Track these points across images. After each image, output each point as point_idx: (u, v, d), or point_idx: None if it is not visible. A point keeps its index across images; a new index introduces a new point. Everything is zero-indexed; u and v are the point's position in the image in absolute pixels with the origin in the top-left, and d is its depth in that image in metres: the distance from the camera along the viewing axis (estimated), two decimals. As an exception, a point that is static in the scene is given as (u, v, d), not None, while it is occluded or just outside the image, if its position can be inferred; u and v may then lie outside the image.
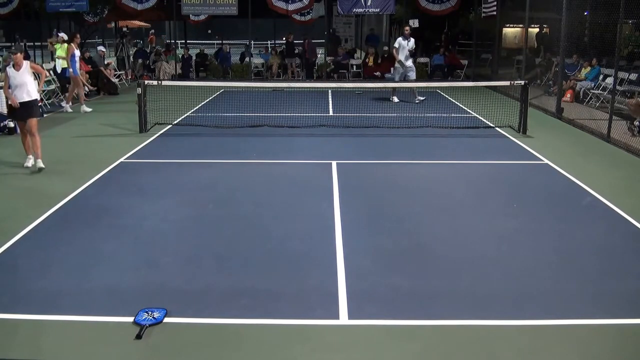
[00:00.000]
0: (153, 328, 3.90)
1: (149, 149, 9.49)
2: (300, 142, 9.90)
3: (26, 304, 4.23)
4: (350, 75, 20.11)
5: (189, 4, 19.05)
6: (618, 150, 9.45)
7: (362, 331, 3.93)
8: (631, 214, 6.17)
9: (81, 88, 13.75)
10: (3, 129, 10.47)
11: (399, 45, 14.04)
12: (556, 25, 13.50)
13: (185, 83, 15.23)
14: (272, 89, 15.83)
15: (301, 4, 19.34)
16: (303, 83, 17.88)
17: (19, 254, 5.15)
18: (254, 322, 4.04)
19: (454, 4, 19.25)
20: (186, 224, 5.95)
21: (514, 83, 11.65)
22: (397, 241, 5.52)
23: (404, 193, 7.02)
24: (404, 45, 13.98)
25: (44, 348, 3.68)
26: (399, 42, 14.07)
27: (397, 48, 14.07)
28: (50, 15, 21.02)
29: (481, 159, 8.79)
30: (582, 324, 4.01)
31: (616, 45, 10.29)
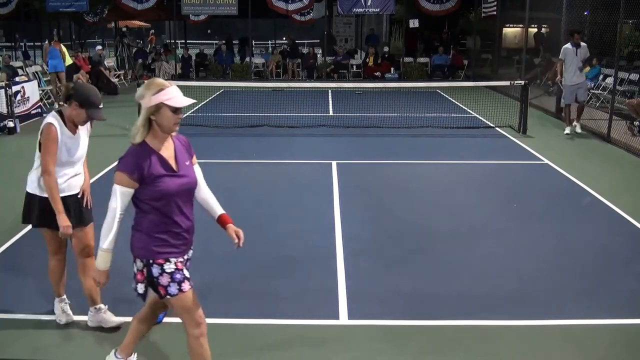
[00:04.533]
0: (153, 328, 3.90)
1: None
2: (300, 142, 9.90)
3: (26, 304, 4.23)
4: (350, 75, 20.11)
5: (189, 4, 19.07)
6: (618, 150, 9.45)
7: (362, 331, 3.93)
8: (631, 214, 6.18)
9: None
10: (3, 129, 10.47)
11: (565, 56, 10.48)
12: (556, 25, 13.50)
13: (185, 83, 15.21)
14: (272, 89, 15.84)
15: (301, 4, 19.35)
16: (303, 83, 17.87)
17: (19, 254, 5.15)
18: (254, 322, 4.04)
19: (454, 4, 19.27)
20: (186, 224, 5.94)
21: (514, 83, 11.65)
22: (397, 241, 5.52)
23: (404, 193, 7.02)
24: (572, 55, 10.39)
25: (44, 348, 3.68)
26: (565, 51, 10.47)
27: (564, 60, 10.53)
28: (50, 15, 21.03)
29: (481, 159, 8.79)
30: (582, 324, 4.02)
31: (616, 45, 10.29)
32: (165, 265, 2.87)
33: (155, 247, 2.85)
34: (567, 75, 10.52)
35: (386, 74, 19.57)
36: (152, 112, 2.80)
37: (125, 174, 2.77)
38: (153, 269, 2.86)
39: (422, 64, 20.57)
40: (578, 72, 10.50)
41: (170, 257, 2.90)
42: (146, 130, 2.82)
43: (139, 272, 2.91)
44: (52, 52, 13.59)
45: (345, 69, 20.19)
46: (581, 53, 10.38)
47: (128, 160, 2.79)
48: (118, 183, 2.78)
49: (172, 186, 2.84)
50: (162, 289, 2.88)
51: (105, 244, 2.83)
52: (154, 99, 2.78)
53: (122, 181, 2.78)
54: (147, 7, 19.55)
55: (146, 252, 2.86)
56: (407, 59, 20.13)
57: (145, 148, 2.83)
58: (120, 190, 2.78)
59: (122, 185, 2.78)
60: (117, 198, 2.78)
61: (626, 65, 15.02)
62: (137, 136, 2.82)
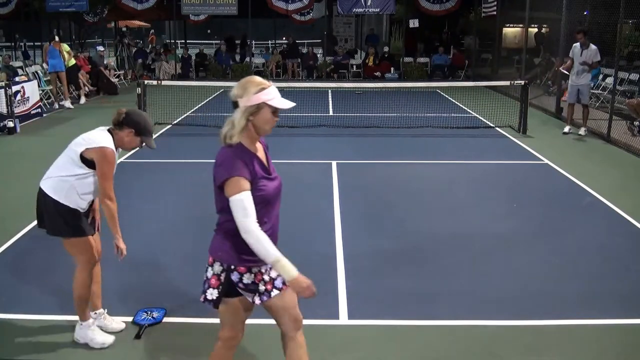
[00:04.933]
0: (153, 328, 3.90)
1: (148, 148, 9.47)
2: (300, 142, 9.89)
3: (26, 304, 4.23)
4: (350, 75, 20.12)
5: (188, 4, 19.07)
6: (618, 150, 9.45)
7: (362, 331, 3.93)
8: (631, 214, 6.17)
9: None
10: (3, 128, 10.47)
11: (573, 54, 10.79)
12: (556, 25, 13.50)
13: (185, 83, 15.24)
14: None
15: (301, 4, 19.36)
16: (303, 83, 17.87)
17: (19, 254, 5.15)
18: (254, 322, 4.02)
19: (454, 4, 19.27)
20: (186, 224, 5.94)
21: (514, 83, 11.65)
22: (397, 241, 5.52)
23: (404, 193, 7.02)
24: (577, 55, 10.63)
25: (44, 348, 3.68)
26: (573, 50, 10.79)
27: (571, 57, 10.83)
28: (50, 15, 21.03)
29: (481, 159, 8.78)
30: (582, 324, 4.01)
31: (616, 45, 10.29)
32: (245, 275, 2.74)
33: (242, 254, 2.68)
34: (571, 74, 10.56)
35: (386, 74, 19.57)
36: (252, 112, 2.64)
37: (242, 178, 2.57)
38: (232, 276, 2.73)
39: (422, 64, 20.57)
40: (581, 72, 10.49)
41: (253, 266, 2.74)
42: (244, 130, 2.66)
43: (213, 277, 2.78)
44: (51, 52, 13.63)
45: (345, 69, 20.19)
46: (586, 54, 10.34)
47: (236, 163, 2.59)
48: (240, 190, 2.56)
49: (270, 189, 2.71)
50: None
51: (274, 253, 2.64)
52: (255, 98, 2.64)
53: (243, 186, 2.57)
54: (147, 7, 19.55)
55: (230, 257, 2.71)
56: (407, 59, 20.13)
57: (243, 149, 2.66)
58: (246, 196, 2.56)
59: (245, 190, 2.57)
60: (246, 206, 2.56)
61: (626, 65, 15.02)
62: (236, 136, 2.64)
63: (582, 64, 10.47)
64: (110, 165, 3.42)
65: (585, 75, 10.47)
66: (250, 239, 2.59)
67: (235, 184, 2.57)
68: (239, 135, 2.65)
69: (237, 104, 2.68)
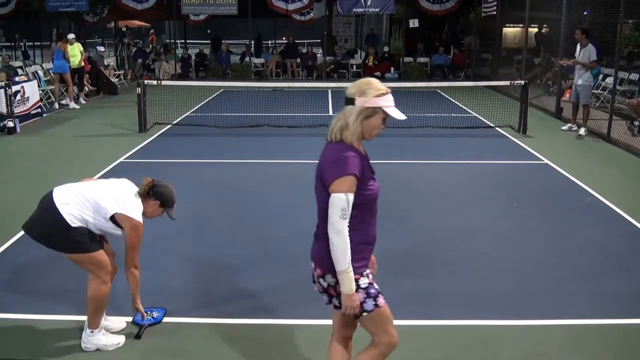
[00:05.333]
0: (153, 328, 3.90)
1: (148, 148, 9.49)
2: (300, 142, 9.89)
3: (26, 304, 4.23)
4: (350, 75, 20.11)
5: (188, 4, 19.07)
6: (618, 150, 9.45)
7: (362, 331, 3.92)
8: (631, 214, 6.17)
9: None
10: (3, 128, 10.47)
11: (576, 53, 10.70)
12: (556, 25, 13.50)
13: (185, 83, 15.24)
14: (272, 89, 15.84)
15: (301, 4, 19.35)
16: (303, 83, 17.88)
17: (19, 254, 5.15)
18: (254, 322, 4.04)
19: (454, 4, 19.27)
20: (186, 224, 5.94)
21: (514, 83, 11.65)
22: (396, 241, 5.51)
23: (403, 193, 7.01)
24: (577, 54, 10.57)
25: (44, 348, 3.68)
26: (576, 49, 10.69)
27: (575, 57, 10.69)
28: (50, 15, 21.03)
29: (481, 158, 8.78)
30: (582, 324, 4.01)
31: (616, 45, 10.29)
32: (361, 280, 2.67)
33: (353, 261, 2.62)
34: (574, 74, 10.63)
35: (386, 73, 19.57)
36: (368, 114, 2.60)
37: (354, 178, 2.53)
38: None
39: (422, 64, 20.57)
40: (579, 72, 10.49)
41: (364, 271, 2.71)
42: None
43: (330, 288, 2.70)
44: (56, 53, 13.71)
45: (345, 68, 20.19)
46: (582, 54, 10.36)
47: (352, 162, 2.55)
48: (348, 190, 2.52)
49: (376, 190, 2.68)
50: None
51: (346, 263, 2.56)
52: (373, 101, 2.58)
53: (352, 187, 2.53)
54: (147, 7, 19.54)
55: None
56: (407, 59, 20.13)
57: (355, 149, 2.62)
58: (350, 197, 2.52)
59: (352, 192, 2.53)
60: (347, 208, 2.52)
61: (626, 65, 15.02)
62: (350, 137, 2.60)
63: (573, 63, 10.51)
64: (140, 238, 3.53)
65: (583, 74, 10.45)
66: (336, 240, 2.54)
67: (345, 182, 2.53)
68: (353, 136, 2.62)
69: (351, 102, 2.61)
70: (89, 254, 3.48)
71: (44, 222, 3.48)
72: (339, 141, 2.63)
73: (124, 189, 3.63)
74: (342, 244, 2.54)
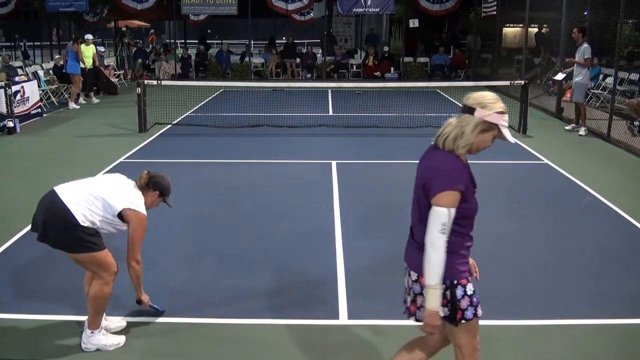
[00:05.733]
0: (153, 328, 3.90)
1: (148, 148, 9.49)
2: (300, 142, 9.89)
3: (26, 304, 4.23)
4: (350, 75, 20.12)
5: (188, 4, 19.06)
6: (618, 150, 9.45)
7: (362, 331, 3.93)
8: (631, 214, 6.17)
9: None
10: (2, 128, 10.47)
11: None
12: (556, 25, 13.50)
13: (185, 83, 15.24)
14: (272, 89, 15.83)
15: (301, 4, 19.35)
16: (303, 83, 17.87)
17: (19, 254, 5.15)
18: (254, 321, 4.03)
19: (454, 4, 19.26)
20: (186, 224, 5.94)
21: (514, 83, 11.65)
22: (397, 241, 5.49)
23: (404, 193, 6.97)
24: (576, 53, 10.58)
25: (44, 348, 3.68)
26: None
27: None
28: (50, 15, 21.03)
29: (481, 158, 8.69)
30: (582, 324, 4.01)
31: (616, 45, 10.29)
32: (468, 286, 2.64)
33: (459, 266, 2.61)
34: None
35: (386, 73, 19.57)
36: (484, 128, 2.55)
37: (460, 193, 2.52)
38: (458, 291, 2.61)
39: (422, 64, 20.57)
40: (577, 71, 10.51)
41: (469, 276, 2.68)
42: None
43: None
44: (70, 54, 13.92)
45: (345, 68, 20.19)
46: (578, 52, 10.40)
47: (461, 175, 2.55)
48: (452, 205, 2.50)
49: (476, 203, 2.68)
50: (460, 313, 2.61)
51: (437, 279, 2.51)
52: (494, 117, 2.53)
53: (456, 202, 2.51)
54: (147, 7, 19.53)
55: (451, 272, 2.58)
56: (407, 59, 20.13)
57: (462, 161, 2.62)
58: (453, 212, 2.50)
59: (455, 207, 2.51)
60: (447, 223, 2.48)
61: (626, 65, 15.02)
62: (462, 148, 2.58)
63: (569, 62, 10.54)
64: (145, 231, 3.61)
65: (580, 72, 10.48)
66: (432, 254, 2.51)
67: (450, 197, 2.51)
68: (465, 146, 2.59)
69: (470, 111, 2.58)
70: (96, 254, 3.49)
71: (56, 224, 3.45)
72: (449, 150, 2.60)
73: (125, 184, 3.70)
74: (437, 259, 2.51)
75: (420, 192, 2.66)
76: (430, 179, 2.59)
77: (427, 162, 2.68)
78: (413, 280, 2.72)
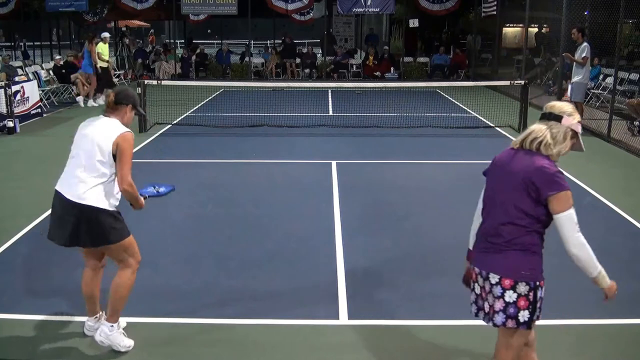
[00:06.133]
0: (153, 328, 3.90)
1: (148, 148, 9.49)
2: (300, 142, 9.89)
3: (26, 304, 4.23)
4: (350, 75, 20.11)
5: (188, 4, 19.05)
6: (618, 150, 9.44)
7: (362, 331, 3.93)
8: (631, 214, 6.17)
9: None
10: (2, 128, 10.47)
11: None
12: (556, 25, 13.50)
13: (185, 83, 15.23)
14: (272, 89, 15.83)
15: (301, 4, 19.34)
16: (303, 83, 17.87)
17: (19, 254, 5.15)
18: (254, 322, 4.03)
19: (454, 4, 19.25)
20: (186, 224, 5.94)
21: (514, 83, 11.65)
22: (396, 241, 5.52)
23: (404, 193, 7.02)
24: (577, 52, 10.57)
25: (43, 348, 3.67)
26: None
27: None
28: (50, 15, 21.03)
29: (481, 158, 8.74)
30: (582, 323, 4.02)
31: (616, 45, 10.29)
32: (540, 291, 2.71)
33: (540, 266, 2.72)
34: None
35: (386, 73, 19.56)
36: (572, 135, 2.73)
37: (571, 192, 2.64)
38: (539, 292, 2.68)
39: (422, 64, 20.56)
40: (576, 70, 10.51)
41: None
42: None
43: (521, 298, 2.66)
44: (85, 53, 14.06)
45: (345, 68, 20.18)
46: (578, 52, 10.42)
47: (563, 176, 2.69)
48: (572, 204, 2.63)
49: None
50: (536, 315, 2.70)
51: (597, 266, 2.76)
52: (578, 126, 2.72)
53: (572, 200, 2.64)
54: (147, 7, 19.53)
55: (537, 274, 2.68)
56: (407, 59, 20.13)
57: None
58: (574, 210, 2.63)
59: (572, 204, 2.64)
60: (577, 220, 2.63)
61: (626, 65, 15.02)
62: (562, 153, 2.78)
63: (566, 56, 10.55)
64: (132, 148, 3.48)
65: (579, 72, 10.49)
66: (583, 253, 2.66)
67: (569, 197, 2.61)
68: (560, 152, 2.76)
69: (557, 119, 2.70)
70: (126, 239, 3.50)
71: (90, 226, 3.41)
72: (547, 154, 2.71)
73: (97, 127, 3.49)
74: (588, 253, 2.66)
75: (516, 194, 2.68)
76: (542, 182, 2.64)
77: (525, 164, 2.70)
78: (493, 283, 2.71)
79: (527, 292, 2.64)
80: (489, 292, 2.74)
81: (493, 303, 2.72)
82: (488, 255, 2.76)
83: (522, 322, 2.66)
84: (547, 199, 2.60)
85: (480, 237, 2.84)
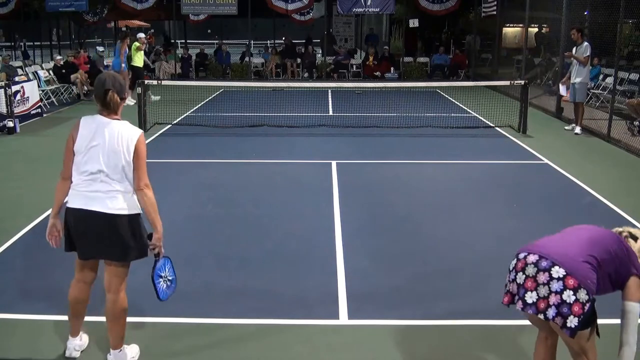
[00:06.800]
0: (152, 328, 3.90)
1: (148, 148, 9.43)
2: (300, 142, 9.89)
3: (26, 304, 4.23)
4: (350, 75, 20.11)
5: (188, 4, 19.05)
6: (618, 150, 9.45)
7: (362, 331, 3.93)
8: (631, 214, 6.17)
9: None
10: (2, 128, 10.47)
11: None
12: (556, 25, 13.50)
13: (185, 83, 15.24)
14: (272, 89, 15.83)
15: (301, 4, 19.34)
16: (303, 83, 17.87)
17: (19, 254, 5.15)
18: (254, 322, 4.03)
19: (454, 4, 19.25)
20: (186, 224, 5.94)
21: (514, 83, 11.65)
22: (397, 241, 5.52)
23: (404, 193, 7.02)
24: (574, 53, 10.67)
25: (43, 348, 3.67)
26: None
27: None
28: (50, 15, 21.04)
29: (481, 158, 8.78)
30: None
31: (616, 45, 10.29)
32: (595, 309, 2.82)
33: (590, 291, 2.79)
34: None
35: (386, 73, 19.56)
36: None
37: None
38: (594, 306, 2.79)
39: (422, 64, 20.57)
40: (578, 71, 10.52)
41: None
42: None
43: (577, 304, 2.72)
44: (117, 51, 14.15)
45: (345, 68, 20.18)
46: (578, 51, 10.44)
47: None
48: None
49: None
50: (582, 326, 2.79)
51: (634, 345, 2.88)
52: None
53: None
54: (147, 7, 19.53)
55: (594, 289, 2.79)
56: (407, 59, 20.13)
57: None
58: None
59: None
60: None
61: (626, 65, 15.02)
62: None
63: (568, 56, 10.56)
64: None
65: (579, 72, 10.49)
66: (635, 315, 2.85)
67: None
68: None
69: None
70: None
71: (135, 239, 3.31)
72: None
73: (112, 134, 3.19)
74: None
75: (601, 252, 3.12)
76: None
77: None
78: (555, 277, 2.76)
79: (585, 301, 2.71)
80: (542, 284, 2.78)
81: (547, 295, 2.76)
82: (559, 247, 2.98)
83: (568, 325, 2.72)
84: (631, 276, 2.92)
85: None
